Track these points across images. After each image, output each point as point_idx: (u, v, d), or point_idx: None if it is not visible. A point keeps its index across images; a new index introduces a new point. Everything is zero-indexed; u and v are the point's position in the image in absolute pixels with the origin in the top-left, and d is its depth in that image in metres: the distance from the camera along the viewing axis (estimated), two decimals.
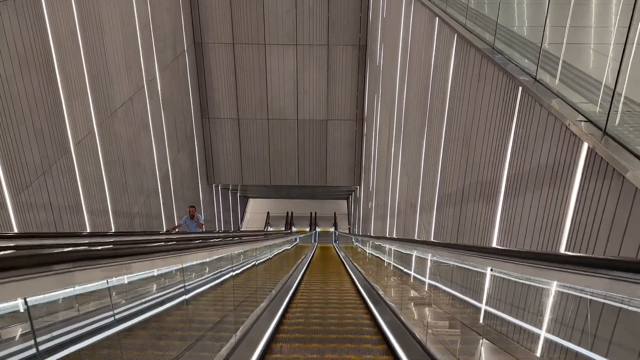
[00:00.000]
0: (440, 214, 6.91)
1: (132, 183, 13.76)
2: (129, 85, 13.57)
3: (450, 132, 6.43)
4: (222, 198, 26.32)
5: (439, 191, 7.01)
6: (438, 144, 7.04)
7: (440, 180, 6.90)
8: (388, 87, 13.13)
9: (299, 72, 20.91)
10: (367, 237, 10.15)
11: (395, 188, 11.53)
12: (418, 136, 8.66)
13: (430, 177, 7.60)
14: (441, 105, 6.90)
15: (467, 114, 5.71)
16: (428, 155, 7.79)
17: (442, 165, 6.85)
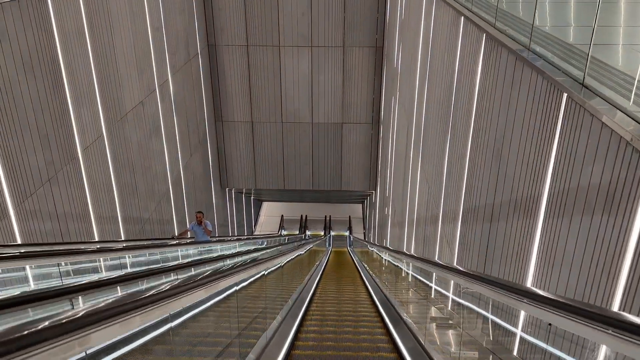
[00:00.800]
0: (466, 228, 6.40)
1: (142, 188, 13.44)
2: (140, 88, 13.26)
3: (477, 140, 5.92)
4: (236, 202, 26.01)
5: (464, 203, 6.50)
6: (463, 152, 6.52)
7: (466, 191, 6.39)
8: (407, 89, 12.62)
9: (314, 74, 20.49)
10: (385, 248, 9.65)
11: (414, 195, 11.02)
12: (440, 142, 8.14)
13: (454, 187, 7.09)
14: (467, 110, 6.38)
15: (497, 121, 5.20)
16: (452, 163, 7.27)
17: (468, 175, 6.34)
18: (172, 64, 15.77)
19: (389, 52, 17.86)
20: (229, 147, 21.82)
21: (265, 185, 22.75)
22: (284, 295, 8.29)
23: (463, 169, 6.52)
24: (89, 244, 9.36)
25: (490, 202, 5.40)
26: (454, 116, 7.13)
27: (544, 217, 4.03)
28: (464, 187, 6.49)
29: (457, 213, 6.81)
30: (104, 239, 11.22)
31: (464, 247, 6.45)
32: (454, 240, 6.93)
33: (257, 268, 4.56)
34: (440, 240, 7.97)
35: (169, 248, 7.43)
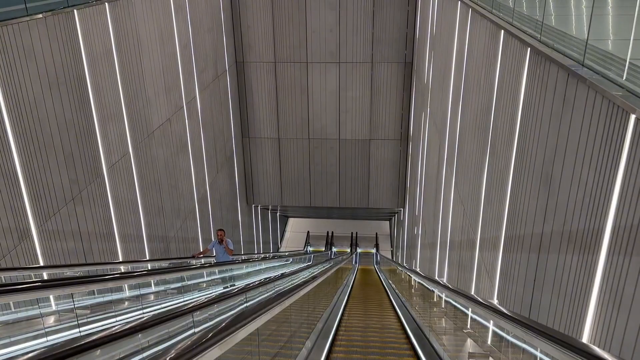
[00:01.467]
0: (509, 257, 5.89)
1: (168, 206, 13.30)
2: (167, 105, 13.20)
3: (522, 163, 5.45)
4: (262, 218, 25.79)
5: (506, 230, 6.01)
6: (505, 175, 6.05)
7: (509, 218, 5.90)
8: (438, 106, 12.18)
9: (342, 90, 20.23)
10: (417, 274, 9.16)
11: (446, 216, 10.51)
12: (477, 163, 7.67)
13: (493, 212, 6.60)
14: (509, 130, 5.93)
15: (546, 142, 4.74)
16: (491, 186, 6.79)
17: (510, 200, 5.85)
18: (201, 81, 15.73)
19: (419, 68, 17.47)
20: (256, 164, 21.67)
21: (292, 202, 22.48)
22: (310, 320, 7.89)
23: (505, 193, 6.04)
24: (113, 264, 9.15)
25: (538, 231, 4.92)
26: (494, 135, 6.67)
27: (607, 254, 3.54)
28: (506, 213, 6.01)
29: (498, 240, 6.32)
30: (128, 259, 11.05)
31: (507, 278, 5.94)
32: (495, 270, 6.42)
33: (282, 305, 4.19)
34: (478, 268, 7.46)
35: (193, 271, 7.11)
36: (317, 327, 7.81)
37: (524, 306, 5.28)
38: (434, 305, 8.01)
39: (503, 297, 6.04)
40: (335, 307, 10.55)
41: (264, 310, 3.32)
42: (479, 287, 7.38)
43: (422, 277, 8.44)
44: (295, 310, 6.08)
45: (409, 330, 8.27)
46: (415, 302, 10.35)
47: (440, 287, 6.67)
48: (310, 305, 7.70)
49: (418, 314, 9.02)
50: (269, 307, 3.67)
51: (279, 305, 4.28)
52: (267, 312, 3.40)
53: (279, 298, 4.36)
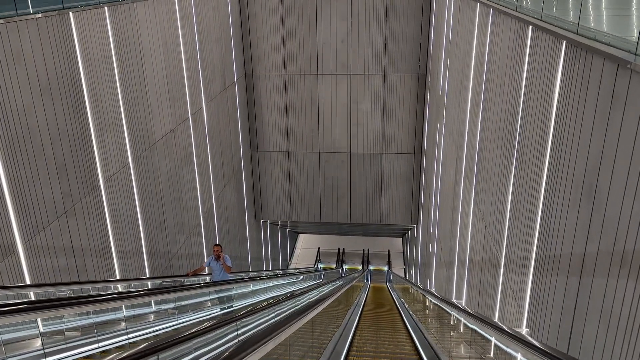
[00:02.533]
0: (541, 281, 5.18)
1: (171, 221, 12.74)
2: (171, 116, 12.72)
3: (557, 172, 4.77)
4: (271, 234, 25.15)
5: (538, 249, 5.30)
6: (536, 187, 5.36)
7: (541, 235, 5.19)
8: (455, 117, 11.53)
9: (353, 103, 19.68)
10: (435, 296, 8.43)
11: (465, 234, 9.78)
12: (501, 174, 6.98)
13: (522, 229, 5.89)
14: (540, 136, 5.26)
15: (589, 148, 4.07)
16: (518, 199, 6.10)
17: (543, 216, 5.16)
18: (207, 92, 15.28)
19: (433, 79, 16.87)
20: (264, 178, 21.11)
21: (301, 218, 21.83)
22: (318, 344, 7.21)
23: (536, 207, 5.34)
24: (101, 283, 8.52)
25: (579, 250, 4.22)
26: (521, 143, 6.00)
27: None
28: (537, 230, 5.31)
29: (527, 260, 5.60)
30: (126, 277, 10.46)
31: (539, 304, 5.22)
32: (524, 294, 5.69)
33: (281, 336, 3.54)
34: (503, 291, 6.72)
35: (184, 292, 6.45)
36: (326, 350, 7.12)
37: (562, 338, 4.56)
38: (452, 330, 7.27)
39: (534, 326, 5.31)
40: (345, 329, 9.83)
41: (253, 348, 2.68)
42: (504, 312, 6.64)
43: (440, 300, 7.71)
44: (301, 333, 5.42)
45: (425, 358, 7.52)
46: (431, 325, 9.59)
47: (462, 314, 5.95)
48: (317, 328, 7.02)
49: (435, 339, 8.26)
50: (262, 342, 3.02)
51: (276, 337, 3.64)
52: (257, 350, 2.74)
53: (277, 328, 3.71)
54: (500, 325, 4.39)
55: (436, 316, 9.03)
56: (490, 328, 4.59)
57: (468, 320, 5.78)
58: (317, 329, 7.16)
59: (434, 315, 9.39)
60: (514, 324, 6.10)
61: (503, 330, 4.15)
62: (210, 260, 9.30)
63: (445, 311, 7.83)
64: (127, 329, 5.16)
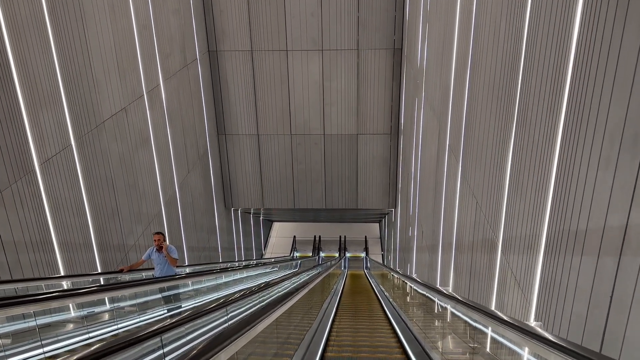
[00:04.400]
0: (557, 263, 4.22)
1: (126, 210, 11.46)
2: (122, 92, 11.39)
3: (579, 128, 3.79)
4: (243, 223, 23.96)
5: (551, 226, 4.33)
6: (548, 150, 4.39)
7: (556, 208, 4.23)
8: (436, 86, 10.55)
9: (325, 81, 18.54)
10: (419, 284, 7.46)
11: (451, 213, 8.85)
12: (496, 142, 6.01)
13: (526, 202, 4.93)
14: (555, 83, 4.26)
15: (632, 89, 3.06)
16: (521, 168, 5.13)
17: (558, 184, 4.19)
18: (165, 68, 13.93)
19: (410, 52, 15.86)
20: (233, 163, 19.86)
21: (274, 205, 20.69)
22: (289, 342, 6.20)
23: (548, 174, 4.37)
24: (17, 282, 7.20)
25: (618, 222, 3.24)
26: (524, 96, 5.01)
27: None
28: (550, 201, 4.34)
29: (536, 239, 4.64)
30: (73, 272, 9.20)
31: (553, 291, 4.27)
32: (531, 278, 4.74)
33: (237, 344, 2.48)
34: (501, 277, 5.77)
35: (115, 292, 5.24)
36: (299, 350, 6.09)
37: (591, 334, 3.60)
38: (438, 319, 6.34)
39: (547, 318, 4.36)
40: (322, 323, 8.84)
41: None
42: (504, 300, 5.70)
43: (424, 286, 6.74)
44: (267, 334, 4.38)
45: (410, 352, 6.57)
46: (414, 314, 8.66)
47: (452, 301, 4.97)
48: (290, 323, 5.98)
49: (420, 330, 7.32)
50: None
51: (230, 346, 2.59)
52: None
53: (231, 335, 2.66)
54: (499, 315, 3.41)
55: (420, 304, 8.10)
56: (491, 319, 3.62)
57: (461, 311, 4.81)
58: (290, 323, 6.14)
59: (418, 305, 8.46)
60: (518, 314, 5.16)
61: (511, 325, 3.17)
62: (150, 252, 7.77)
63: (430, 299, 6.90)
64: (41, 340, 4.02)
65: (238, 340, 2.81)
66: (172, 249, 7.51)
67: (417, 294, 8.09)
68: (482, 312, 3.91)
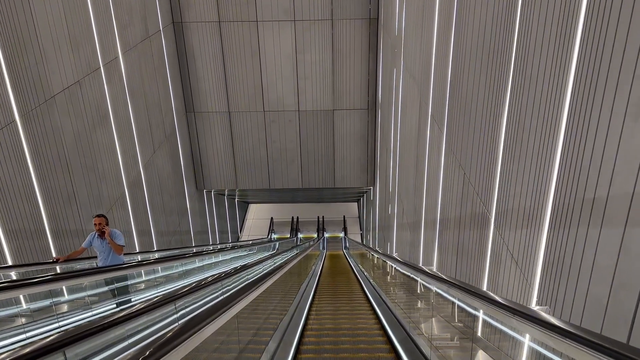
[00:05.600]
0: (565, 237, 3.63)
1: (84, 192, 10.56)
2: (75, 64, 10.38)
3: (597, 69, 3.13)
4: (217, 205, 23.11)
5: (558, 196, 3.72)
6: (555, 107, 3.75)
7: (565, 174, 3.61)
8: (417, 51, 9.85)
9: (299, 54, 17.65)
10: (400, 263, 6.85)
11: (434, 188, 8.25)
12: (487, 105, 5.37)
13: (525, 170, 4.31)
14: (562, 29, 3.59)
15: None
16: (518, 131, 4.49)
17: (567, 146, 3.56)
18: (124, 39, 12.88)
19: (387, 20, 15.08)
20: (204, 143, 18.92)
21: (248, 185, 19.88)
22: (263, 331, 5.55)
23: (554, 137, 3.74)
24: None
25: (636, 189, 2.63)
26: (522, 51, 4.34)
27: None
28: (557, 168, 3.72)
29: (538, 211, 4.03)
30: (23, 262, 8.33)
31: (559, 270, 3.67)
32: (533, 257, 4.14)
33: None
34: (494, 255, 5.18)
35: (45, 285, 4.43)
36: (273, 338, 5.44)
37: (615, 321, 3.02)
38: (421, 300, 5.76)
39: (555, 302, 3.77)
40: (299, 307, 8.22)
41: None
42: (498, 281, 5.12)
43: (412, 268, 6.12)
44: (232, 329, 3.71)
45: (396, 342, 5.98)
46: (398, 297, 8.10)
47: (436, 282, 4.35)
48: (257, 320, 5.30)
49: (407, 317, 6.74)
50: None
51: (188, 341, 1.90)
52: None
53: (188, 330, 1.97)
54: (496, 298, 2.79)
55: (403, 286, 7.53)
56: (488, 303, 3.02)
57: (451, 293, 4.20)
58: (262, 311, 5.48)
59: (399, 285, 7.89)
60: (516, 296, 4.58)
61: (514, 310, 2.56)
62: (91, 238, 6.69)
63: (414, 280, 6.31)
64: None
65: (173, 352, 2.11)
66: (116, 234, 6.58)
67: (400, 274, 7.51)
68: (479, 296, 3.29)
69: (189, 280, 8.73)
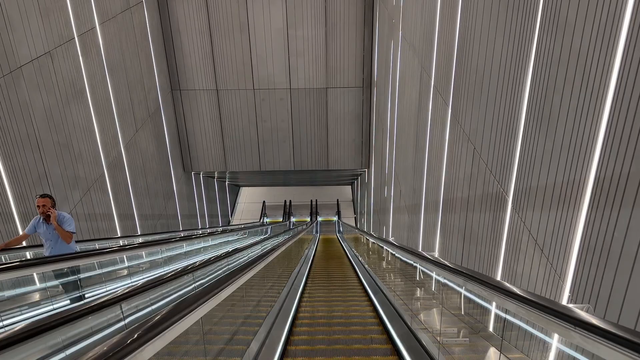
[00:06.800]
0: (613, 219, 2.93)
1: (57, 173, 9.78)
2: (45, 33, 9.51)
3: None
4: (206, 188, 22.33)
5: (604, 165, 3.02)
6: (600, 61, 3.02)
7: (612, 140, 2.90)
8: (418, 19, 9.07)
9: (290, 28, 16.76)
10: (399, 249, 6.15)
11: (437, 167, 7.56)
12: (505, 65, 4.63)
13: (557, 139, 3.61)
14: None
15: None
16: (549, 91, 3.77)
17: (614, 113, 2.84)
18: (101, 9, 11.96)
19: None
20: (191, 122, 18.07)
21: (238, 167, 19.10)
22: (253, 315, 4.90)
23: (599, 102, 3.02)
24: None
25: None
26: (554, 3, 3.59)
27: None
28: (601, 138, 3.01)
29: (575, 188, 3.34)
30: None
31: (602, 260, 2.99)
32: (565, 242, 3.46)
33: None
34: (511, 240, 4.50)
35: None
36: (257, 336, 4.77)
37: None
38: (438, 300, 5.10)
39: (597, 298, 3.10)
40: (290, 295, 7.56)
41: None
42: (516, 269, 4.45)
43: (413, 255, 5.43)
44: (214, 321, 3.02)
45: (395, 337, 5.33)
46: (395, 284, 7.45)
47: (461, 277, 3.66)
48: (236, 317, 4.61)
49: (408, 310, 6.09)
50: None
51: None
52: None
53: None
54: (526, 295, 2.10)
55: (402, 274, 6.87)
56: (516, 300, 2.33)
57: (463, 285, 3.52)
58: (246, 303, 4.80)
59: (398, 273, 7.24)
60: (540, 288, 3.91)
61: (553, 312, 1.87)
62: (35, 223, 5.64)
63: (414, 267, 5.65)
64: None
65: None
66: (65, 217, 5.61)
67: (400, 262, 6.84)
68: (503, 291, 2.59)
69: (171, 267, 8.03)
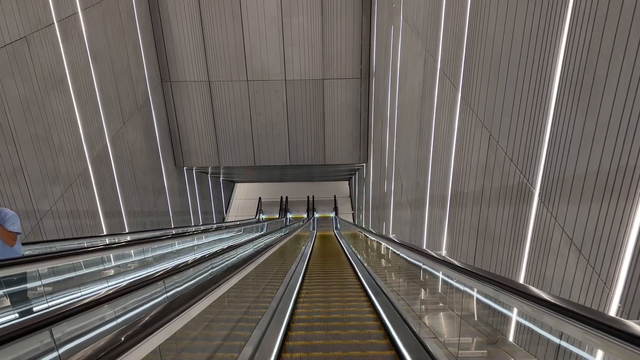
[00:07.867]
0: None
1: (34, 167, 9.12)
2: (21, 17, 8.84)
3: None
4: (199, 184, 21.68)
5: None
6: None
7: None
8: (421, 1, 8.43)
9: (285, 17, 16.09)
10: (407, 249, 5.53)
11: (445, 158, 6.94)
12: (531, 40, 4.01)
13: (601, 116, 2.99)
14: None
15: None
16: (592, 59, 3.15)
17: None
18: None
19: None
20: (182, 115, 17.39)
21: (232, 162, 18.45)
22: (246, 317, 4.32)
23: None
24: None
25: None
26: None
27: None
28: None
29: (625, 174, 2.72)
30: None
31: None
32: (614, 240, 2.85)
33: None
34: (537, 237, 3.89)
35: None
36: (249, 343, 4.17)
37: None
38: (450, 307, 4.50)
39: None
40: (285, 297, 6.96)
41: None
42: (544, 272, 3.85)
43: (419, 253, 4.81)
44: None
45: (395, 336, 4.74)
46: (399, 285, 6.85)
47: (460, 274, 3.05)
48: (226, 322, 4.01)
49: (417, 323, 5.48)
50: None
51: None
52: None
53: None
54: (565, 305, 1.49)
55: (406, 275, 6.27)
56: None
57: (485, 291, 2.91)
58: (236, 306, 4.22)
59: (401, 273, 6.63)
60: (575, 294, 3.31)
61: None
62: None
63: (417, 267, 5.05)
64: None
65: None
66: (7, 215, 4.84)
67: (404, 262, 6.23)
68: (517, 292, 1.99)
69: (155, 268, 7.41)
